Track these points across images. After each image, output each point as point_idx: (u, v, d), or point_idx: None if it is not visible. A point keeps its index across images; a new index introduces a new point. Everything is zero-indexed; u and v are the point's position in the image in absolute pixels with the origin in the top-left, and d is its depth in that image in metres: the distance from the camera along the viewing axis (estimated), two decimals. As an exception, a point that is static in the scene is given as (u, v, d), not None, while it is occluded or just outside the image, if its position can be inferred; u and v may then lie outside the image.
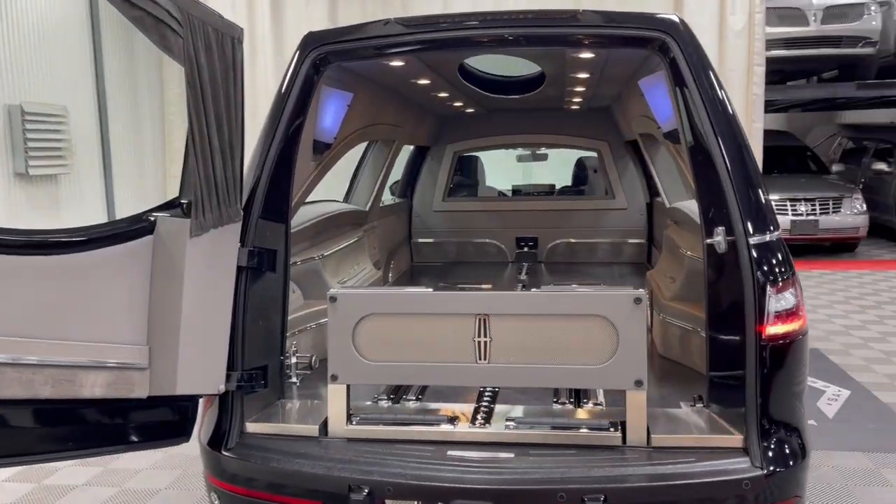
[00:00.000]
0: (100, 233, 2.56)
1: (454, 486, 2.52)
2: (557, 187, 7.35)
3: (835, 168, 13.94)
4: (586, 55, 3.39)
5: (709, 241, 2.81)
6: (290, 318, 3.21)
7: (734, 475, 2.51)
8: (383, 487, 2.56)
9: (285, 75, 3.06)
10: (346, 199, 5.45)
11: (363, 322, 2.84)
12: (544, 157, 7.80)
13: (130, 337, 2.57)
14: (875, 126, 15.19)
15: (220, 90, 2.66)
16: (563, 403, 3.05)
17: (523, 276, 6.05)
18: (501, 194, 7.46)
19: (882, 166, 13.46)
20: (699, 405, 2.93)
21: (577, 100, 5.42)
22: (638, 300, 2.67)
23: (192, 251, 2.63)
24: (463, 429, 2.79)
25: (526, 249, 6.69)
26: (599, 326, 2.71)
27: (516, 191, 7.37)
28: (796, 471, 2.59)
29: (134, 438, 2.69)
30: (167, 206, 2.77)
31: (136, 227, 2.64)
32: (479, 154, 7.18)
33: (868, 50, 12.14)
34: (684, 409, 2.89)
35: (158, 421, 2.74)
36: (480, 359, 2.78)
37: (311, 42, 3.10)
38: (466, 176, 7.20)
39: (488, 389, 3.17)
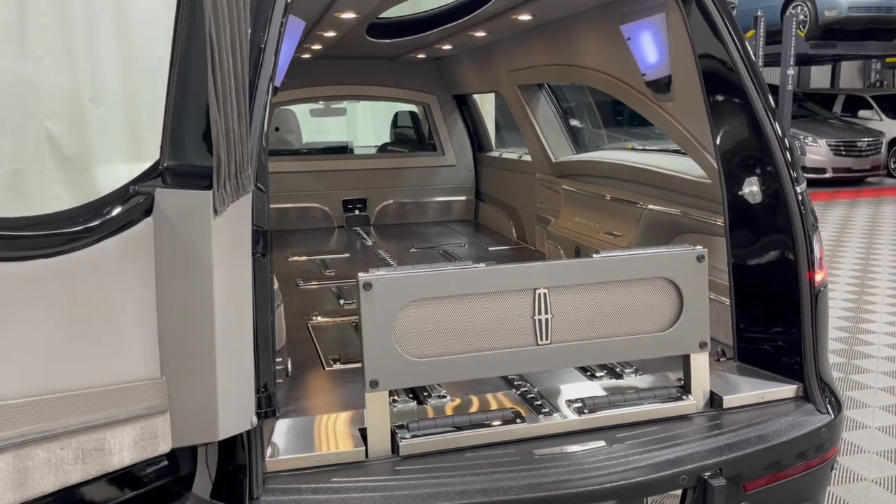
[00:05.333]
0: (85, 220, 1.68)
1: (574, 491, 2.15)
2: (379, 144, 6.91)
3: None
4: None
5: (741, 192, 2.73)
6: None
7: (815, 424, 2.50)
8: (492, 510, 2.10)
9: None
10: None
11: (405, 311, 2.29)
12: (342, 112, 7.26)
13: (144, 369, 1.74)
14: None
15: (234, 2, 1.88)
16: (601, 377, 2.81)
17: (369, 242, 5.59)
18: (324, 152, 6.78)
19: None
20: (722, 359, 2.88)
21: (446, 47, 5.04)
22: (701, 257, 2.51)
23: (217, 236, 1.86)
24: (538, 422, 2.40)
25: (356, 213, 6.18)
26: (663, 289, 2.50)
27: (341, 149, 6.76)
28: (843, 416, 2.67)
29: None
30: (149, 175, 1.92)
31: (128, 209, 1.79)
32: (294, 108, 6.42)
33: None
34: (723, 366, 2.82)
35: (163, 480, 1.93)
36: (542, 339, 2.41)
37: None
38: (282, 132, 6.39)
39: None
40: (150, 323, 1.77)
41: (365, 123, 8.17)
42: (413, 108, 6.56)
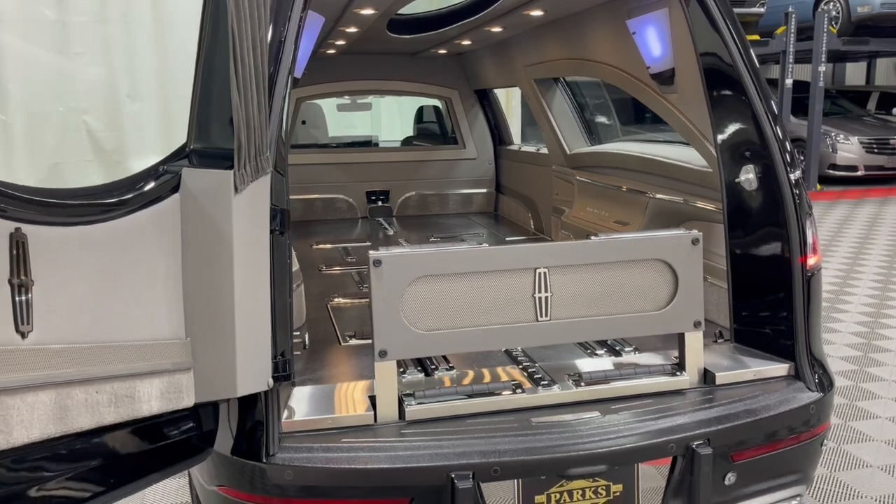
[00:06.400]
0: (120, 193, 1.87)
1: (566, 455, 2.30)
2: (402, 138, 7.10)
3: None
4: None
5: (738, 179, 2.85)
6: None
7: (803, 401, 2.61)
8: (488, 469, 2.26)
9: None
10: None
11: (412, 287, 2.45)
12: (367, 107, 7.46)
13: (170, 329, 1.93)
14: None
15: None
16: (600, 354, 2.94)
17: (391, 232, 5.77)
18: (349, 145, 6.99)
19: None
20: (720, 340, 3.00)
21: (465, 42, 5.20)
22: (696, 241, 2.64)
23: (237, 212, 2.04)
24: (536, 393, 2.56)
25: (379, 204, 6.37)
26: (658, 270, 2.63)
27: (366, 142, 6.96)
28: (833, 394, 2.77)
29: (164, 460, 2.05)
30: (177, 156, 2.12)
31: (158, 185, 1.98)
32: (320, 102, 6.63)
33: None
34: (720, 347, 2.94)
35: (187, 435, 2.12)
36: (541, 316, 2.56)
37: None
38: (309, 126, 6.61)
39: (517, 349, 2.95)
40: (175, 289, 1.96)
41: (390, 118, 8.36)
42: (436, 102, 6.72)
